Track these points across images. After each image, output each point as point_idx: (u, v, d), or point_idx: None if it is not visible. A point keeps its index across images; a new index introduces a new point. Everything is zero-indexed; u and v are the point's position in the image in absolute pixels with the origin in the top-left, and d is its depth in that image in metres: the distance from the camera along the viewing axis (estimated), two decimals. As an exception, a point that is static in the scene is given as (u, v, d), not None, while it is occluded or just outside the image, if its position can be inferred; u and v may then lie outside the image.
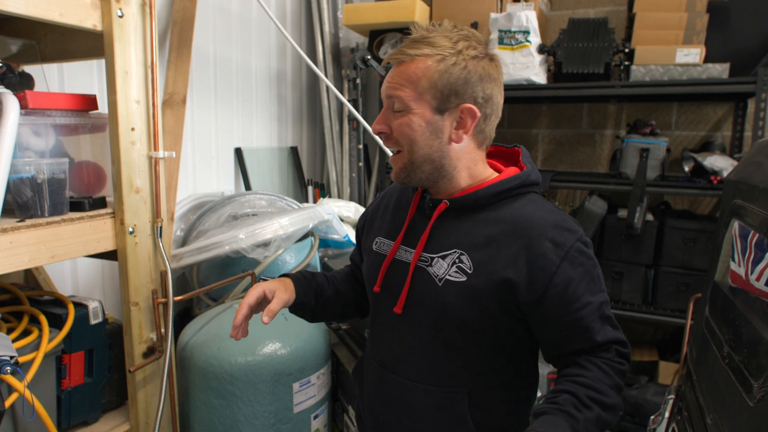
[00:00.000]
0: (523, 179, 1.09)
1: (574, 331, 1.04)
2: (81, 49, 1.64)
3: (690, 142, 3.06)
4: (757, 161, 1.35)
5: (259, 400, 1.77)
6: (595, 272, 1.05)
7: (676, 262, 2.67)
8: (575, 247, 1.02)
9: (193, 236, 2.39)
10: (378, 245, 1.22)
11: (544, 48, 2.77)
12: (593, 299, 1.03)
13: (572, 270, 1.01)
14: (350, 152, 3.40)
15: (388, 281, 1.16)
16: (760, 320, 1.13)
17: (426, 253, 1.11)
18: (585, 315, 1.02)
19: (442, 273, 1.07)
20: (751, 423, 1.04)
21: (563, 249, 1.01)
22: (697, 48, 2.52)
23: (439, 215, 1.11)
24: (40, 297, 1.65)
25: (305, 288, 1.25)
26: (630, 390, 2.67)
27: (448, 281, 1.06)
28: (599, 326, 1.04)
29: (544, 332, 1.08)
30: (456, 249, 1.07)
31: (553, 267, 1.00)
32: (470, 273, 1.04)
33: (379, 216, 1.28)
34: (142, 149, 1.56)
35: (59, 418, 1.56)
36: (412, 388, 1.13)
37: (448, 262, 1.07)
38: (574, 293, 1.01)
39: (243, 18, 2.99)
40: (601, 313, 1.04)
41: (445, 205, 1.10)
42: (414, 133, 1.05)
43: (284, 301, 1.18)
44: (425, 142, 1.06)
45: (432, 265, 1.09)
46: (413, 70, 1.03)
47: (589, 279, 1.03)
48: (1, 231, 1.23)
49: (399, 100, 1.04)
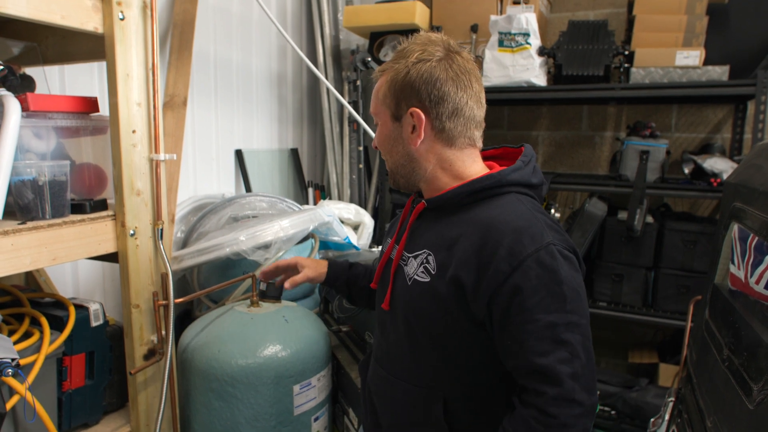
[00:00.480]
0: (497, 179, 1.05)
1: (513, 346, 0.96)
2: (82, 51, 1.65)
3: (690, 144, 3.07)
4: (757, 164, 1.35)
5: (259, 402, 1.76)
6: (556, 289, 0.94)
7: (676, 265, 2.67)
8: (535, 257, 0.94)
9: (194, 238, 2.39)
10: (384, 245, 1.29)
11: (544, 50, 2.78)
12: (543, 317, 0.93)
13: (524, 281, 0.94)
14: (350, 154, 3.41)
15: (381, 278, 1.23)
16: (759, 323, 1.13)
17: (405, 252, 1.14)
18: (527, 331, 0.94)
19: (412, 272, 1.09)
20: (750, 426, 1.04)
21: (517, 258, 0.94)
22: (696, 50, 2.53)
23: (420, 215, 1.15)
24: (41, 299, 1.65)
25: (338, 275, 1.44)
26: (630, 392, 2.67)
27: (415, 281, 1.08)
28: (545, 348, 0.93)
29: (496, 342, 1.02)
30: (425, 249, 1.09)
31: (501, 276, 0.95)
32: (433, 274, 1.05)
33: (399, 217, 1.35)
34: (143, 151, 1.56)
35: (60, 420, 1.56)
36: (395, 383, 1.17)
37: (418, 262, 1.09)
38: (519, 306, 0.94)
39: (243, 20, 3.00)
40: (553, 335, 0.93)
41: (422, 206, 1.13)
42: (384, 142, 1.14)
43: (308, 278, 1.44)
44: (392, 149, 1.13)
45: (407, 265, 1.12)
46: (378, 86, 1.13)
47: (545, 294, 0.94)
48: (3, 233, 1.24)
49: (373, 115, 1.16)
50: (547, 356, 0.93)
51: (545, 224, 1.00)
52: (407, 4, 3.01)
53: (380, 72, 1.14)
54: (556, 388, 0.93)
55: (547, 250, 0.95)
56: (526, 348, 0.94)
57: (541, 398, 0.94)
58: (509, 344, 0.98)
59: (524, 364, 0.96)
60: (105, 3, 1.43)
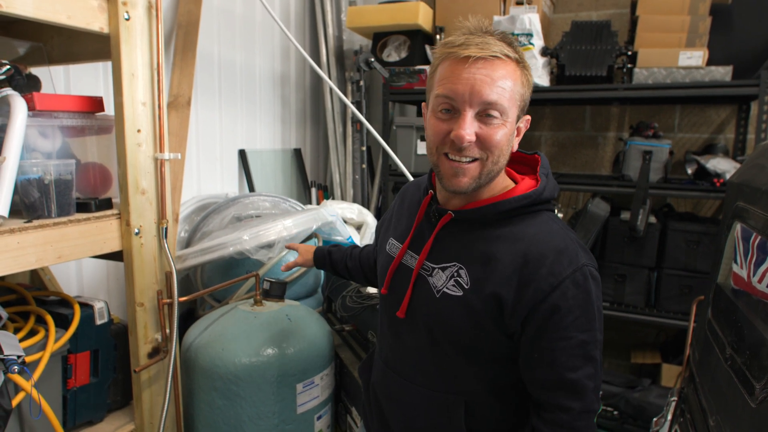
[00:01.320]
0: (534, 198, 1.04)
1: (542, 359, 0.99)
2: (87, 51, 1.66)
3: (693, 144, 3.06)
4: (760, 164, 1.35)
5: (263, 401, 1.77)
6: (589, 308, 0.97)
7: (679, 265, 2.67)
8: (572, 278, 0.96)
9: (197, 237, 2.40)
10: (389, 246, 1.23)
11: (547, 50, 2.78)
12: (576, 335, 0.96)
13: (561, 301, 0.96)
14: (353, 154, 3.41)
15: (394, 284, 1.17)
16: (762, 322, 1.13)
17: (428, 262, 1.09)
18: (561, 347, 0.97)
19: (441, 285, 1.06)
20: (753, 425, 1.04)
21: (557, 278, 0.96)
22: (700, 51, 2.53)
23: (444, 225, 1.09)
24: (46, 297, 1.66)
25: (322, 262, 1.63)
26: (633, 393, 2.67)
27: (445, 294, 1.05)
28: (575, 364, 0.97)
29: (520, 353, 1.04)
30: (456, 262, 1.05)
31: (541, 295, 0.96)
32: (467, 288, 1.02)
33: (395, 213, 1.29)
34: (148, 151, 1.57)
35: (65, 417, 1.57)
36: (411, 388, 1.14)
37: (447, 275, 1.05)
38: (556, 324, 0.96)
39: (247, 20, 3.01)
40: (584, 352, 0.97)
41: (449, 217, 1.07)
42: (503, 141, 0.99)
43: (298, 263, 1.67)
44: (507, 150, 1.02)
45: (432, 276, 1.08)
46: (504, 73, 0.96)
47: (579, 314, 0.96)
48: (9, 231, 1.25)
49: (499, 106, 0.96)
50: (576, 371, 0.97)
51: (578, 244, 1.02)
52: (410, 4, 3.02)
53: (504, 54, 0.95)
54: (581, 402, 0.98)
55: (581, 272, 0.97)
56: (558, 363, 0.97)
57: (568, 414, 0.98)
58: (537, 357, 1.00)
59: (553, 377, 0.99)
60: (110, 3, 1.44)
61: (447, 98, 0.98)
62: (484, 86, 0.94)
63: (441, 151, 1.01)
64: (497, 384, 1.09)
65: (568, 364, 0.97)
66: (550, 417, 1.00)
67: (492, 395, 1.09)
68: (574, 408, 0.98)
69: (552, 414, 1.00)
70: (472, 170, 1.00)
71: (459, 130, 0.96)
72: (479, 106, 0.96)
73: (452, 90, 0.96)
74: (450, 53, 0.97)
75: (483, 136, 0.97)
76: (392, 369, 1.19)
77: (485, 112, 0.96)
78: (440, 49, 1.01)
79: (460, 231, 1.07)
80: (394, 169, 3.16)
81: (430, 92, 1.05)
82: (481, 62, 0.95)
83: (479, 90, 0.94)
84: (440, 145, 1.01)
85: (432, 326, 1.08)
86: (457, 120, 0.97)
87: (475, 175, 1.00)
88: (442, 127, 0.99)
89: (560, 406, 0.99)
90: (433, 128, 1.02)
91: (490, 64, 0.95)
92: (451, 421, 1.09)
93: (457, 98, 0.96)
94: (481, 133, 0.97)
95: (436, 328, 1.07)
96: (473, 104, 0.96)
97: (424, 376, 1.12)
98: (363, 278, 1.58)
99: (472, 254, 1.04)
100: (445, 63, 0.99)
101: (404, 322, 1.13)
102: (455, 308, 1.03)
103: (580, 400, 0.98)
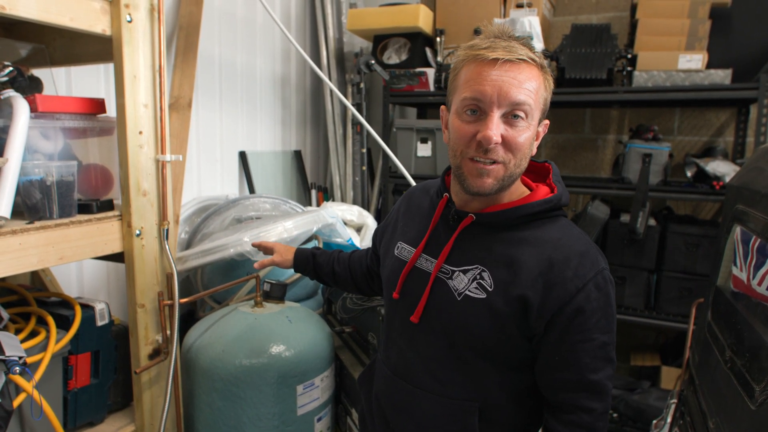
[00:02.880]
0: (554, 203, 1.06)
1: (564, 360, 1.01)
2: (89, 53, 1.66)
3: (692, 147, 3.07)
4: (759, 167, 1.36)
5: (263, 402, 1.77)
6: (608, 311, 1.01)
7: (679, 267, 2.67)
8: (594, 281, 0.99)
9: (198, 239, 2.40)
10: (399, 250, 1.20)
11: (547, 53, 2.79)
12: (598, 337, 1.00)
13: (585, 303, 0.98)
14: (353, 156, 3.42)
15: (407, 289, 1.15)
16: (761, 324, 1.14)
17: (447, 265, 1.08)
18: (584, 349, 0.99)
19: (462, 288, 1.05)
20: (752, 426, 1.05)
21: (582, 280, 0.99)
22: (699, 54, 2.53)
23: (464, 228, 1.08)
24: (47, 298, 1.66)
25: (304, 265, 1.55)
26: (632, 395, 2.67)
27: (467, 297, 1.04)
28: (597, 365, 1.00)
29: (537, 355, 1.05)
30: (478, 265, 1.05)
31: (568, 297, 0.98)
32: (490, 291, 1.02)
33: (401, 218, 1.27)
34: (150, 152, 1.58)
35: (65, 418, 1.57)
36: (422, 396, 1.12)
37: (469, 278, 1.05)
38: (580, 326, 0.99)
39: (248, 23, 3.01)
40: (604, 353, 1.00)
41: (470, 219, 1.07)
42: (526, 143, 1.00)
43: (274, 262, 1.57)
44: (528, 152, 1.03)
45: (452, 279, 1.07)
46: (530, 76, 0.98)
47: (600, 316, 0.99)
48: (11, 232, 1.25)
49: (524, 107, 0.97)
50: (598, 373, 1.00)
51: (596, 248, 1.05)
52: (411, 7, 3.02)
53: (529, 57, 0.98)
54: (602, 403, 1.01)
55: (602, 275, 1.00)
56: (582, 365, 1.00)
57: (590, 415, 1.01)
58: (559, 360, 1.01)
59: (575, 378, 1.00)
60: (113, 5, 1.44)
61: (474, 100, 0.98)
62: (511, 87, 0.96)
63: (466, 155, 1.01)
64: (512, 388, 1.09)
65: (591, 365, 0.99)
66: (570, 418, 1.02)
67: (505, 399, 1.09)
68: (596, 409, 1.01)
69: (572, 415, 1.01)
70: (496, 171, 1.00)
71: (486, 131, 0.96)
72: (507, 107, 0.97)
73: (480, 91, 0.97)
74: (477, 55, 0.98)
75: (508, 138, 0.98)
76: (402, 377, 1.16)
77: (512, 113, 0.98)
78: (464, 52, 1.02)
79: (481, 234, 1.07)
80: (394, 171, 3.16)
81: (452, 95, 1.05)
82: (508, 65, 0.96)
83: (507, 91, 0.96)
84: (465, 148, 1.01)
85: (452, 330, 1.07)
86: (484, 121, 0.98)
87: (499, 176, 1.01)
88: (468, 129, 1.00)
89: (582, 407, 1.01)
90: (458, 130, 1.02)
91: (516, 67, 0.96)
92: (465, 428, 1.08)
93: (484, 99, 0.97)
94: (507, 135, 0.98)
95: (456, 332, 1.06)
96: (501, 105, 0.97)
97: (438, 383, 1.10)
98: (351, 285, 1.52)
99: (495, 257, 1.04)
100: (471, 65, 1.00)
101: (418, 327, 1.12)
102: (478, 311, 1.03)
103: (601, 401, 1.01)
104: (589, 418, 1.00)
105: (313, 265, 1.54)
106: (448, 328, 1.07)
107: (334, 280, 1.53)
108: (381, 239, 1.34)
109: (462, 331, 1.05)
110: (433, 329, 1.10)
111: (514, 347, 1.05)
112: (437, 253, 1.11)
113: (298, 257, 1.55)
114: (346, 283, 1.53)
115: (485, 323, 1.02)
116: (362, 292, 1.56)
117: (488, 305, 1.02)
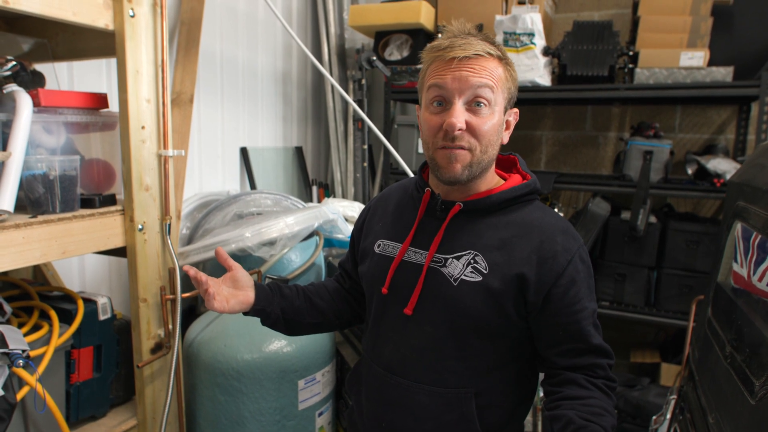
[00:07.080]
0: (532, 187, 1.15)
1: (569, 332, 1.08)
2: (92, 47, 1.66)
3: (693, 144, 3.07)
4: (760, 163, 1.37)
5: (264, 397, 1.78)
6: (590, 281, 1.11)
7: (679, 264, 2.68)
8: (578, 254, 1.09)
9: (199, 234, 2.40)
10: (381, 248, 1.21)
11: (549, 50, 2.79)
12: (589, 305, 1.09)
13: (576, 274, 1.07)
14: (355, 152, 3.42)
15: (396, 282, 1.16)
16: (762, 320, 1.14)
17: (439, 254, 1.12)
18: (582, 318, 1.07)
19: (458, 273, 1.09)
20: (752, 421, 1.05)
21: (570, 253, 1.07)
22: (701, 51, 2.53)
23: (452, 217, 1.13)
24: (49, 292, 1.67)
25: (268, 298, 1.24)
26: (632, 391, 2.68)
27: (464, 281, 1.08)
28: (593, 331, 1.09)
29: (540, 331, 1.11)
30: (470, 250, 1.10)
31: (561, 269, 1.06)
32: (486, 273, 1.07)
33: (377, 219, 1.28)
34: (152, 147, 1.58)
35: (68, 412, 1.58)
36: (418, 390, 1.13)
37: (463, 263, 1.09)
38: (575, 296, 1.07)
39: (249, 18, 3.01)
40: (594, 321, 1.10)
41: (459, 207, 1.11)
42: (492, 131, 1.07)
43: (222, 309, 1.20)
44: (496, 141, 1.10)
45: (446, 266, 1.10)
46: (488, 67, 1.05)
47: (586, 286, 1.09)
48: (14, 226, 1.25)
49: (485, 95, 1.04)
50: (596, 337, 1.09)
51: (571, 225, 1.15)
52: (412, 3, 3.02)
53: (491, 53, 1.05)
54: (609, 359, 1.10)
55: (582, 249, 1.11)
56: (584, 332, 1.07)
57: (605, 370, 1.09)
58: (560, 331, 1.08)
59: (582, 345, 1.08)
60: (116, 0, 1.44)
61: (437, 87, 1.06)
62: (470, 77, 1.04)
63: (436, 145, 1.08)
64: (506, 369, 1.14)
65: (589, 331, 1.08)
66: (586, 373, 1.09)
67: (500, 380, 1.13)
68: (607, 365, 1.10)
69: (588, 371, 1.09)
70: (463, 157, 1.06)
71: (450, 119, 1.04)
72: (469, 95, 1.04)
73: (442, 82, 1.05)
74: (437, 56, 1.07)
75: (473, 124, 1.05)
76: (397, 374, 1.16)
77: (474, 101, 1.05)
78: (427, 54, 1.11)
79: (468, 222, 1.12)
80: (395, 168, 3.17)
81: (421, 92, 1.13)
82: (466, 60, 1.04)
83: (466, 79, 1.03)
84: (435, 138, 1.08)
85: (452, 316, 1.09)
86: (449, 110, 1.05)
87: (466, 162, 1.07)
88: (435, 120, 1.07)
89: (595, 364, 1.09)
90: (427, 122, 1.09)
91: (474, 61, 1.04)
92: (463, 415, 1.10)
93: (446, 87, 1.05)
94: (471, 121, 1.05)
95: (457, 318, 1.09)
96: (462, 93, 1.04)
97: (434, 372, 1.12)
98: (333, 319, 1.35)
99: (486, 241, 1.10)
100: (433, 65, 1.08)
101: (411, 319, 1.13)
102: (475, 294, 1.07)
103: (609, 358, 1.10)
104: (605, 373, 1.09)
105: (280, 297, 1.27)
106: (447, 315, 1.10)
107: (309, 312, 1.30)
108: (358, 244, 1.32)
109: (462, 315, 1.09)
110: (428, 319, 1.12)
111: (512, 327, 1.10)
112: (427, 244, 1.14)
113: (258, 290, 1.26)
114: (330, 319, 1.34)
115: (483, 304, 1.07)
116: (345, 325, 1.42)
117: (485, 287, 1.07)
